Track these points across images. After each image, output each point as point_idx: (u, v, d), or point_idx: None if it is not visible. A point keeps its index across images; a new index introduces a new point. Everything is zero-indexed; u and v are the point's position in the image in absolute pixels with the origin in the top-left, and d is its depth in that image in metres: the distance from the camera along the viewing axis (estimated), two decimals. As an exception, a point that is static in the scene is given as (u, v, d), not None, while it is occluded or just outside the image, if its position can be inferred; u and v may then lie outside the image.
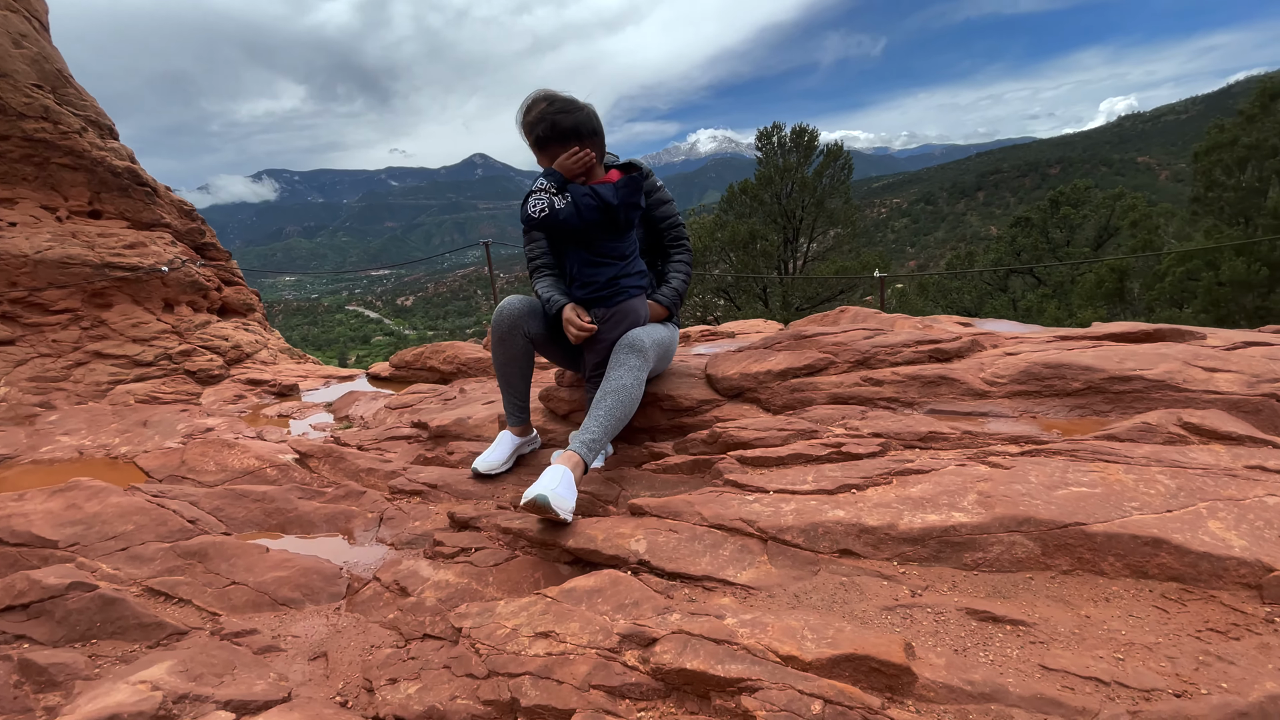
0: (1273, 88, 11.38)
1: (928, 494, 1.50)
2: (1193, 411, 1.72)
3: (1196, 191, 12.31)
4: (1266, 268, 10.37)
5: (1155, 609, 1.16)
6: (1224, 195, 11.64)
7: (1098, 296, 14.02)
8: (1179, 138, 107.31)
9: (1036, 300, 17.37)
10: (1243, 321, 11.08)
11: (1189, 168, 42.96)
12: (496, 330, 2.30)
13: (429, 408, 4.44)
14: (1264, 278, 10.47)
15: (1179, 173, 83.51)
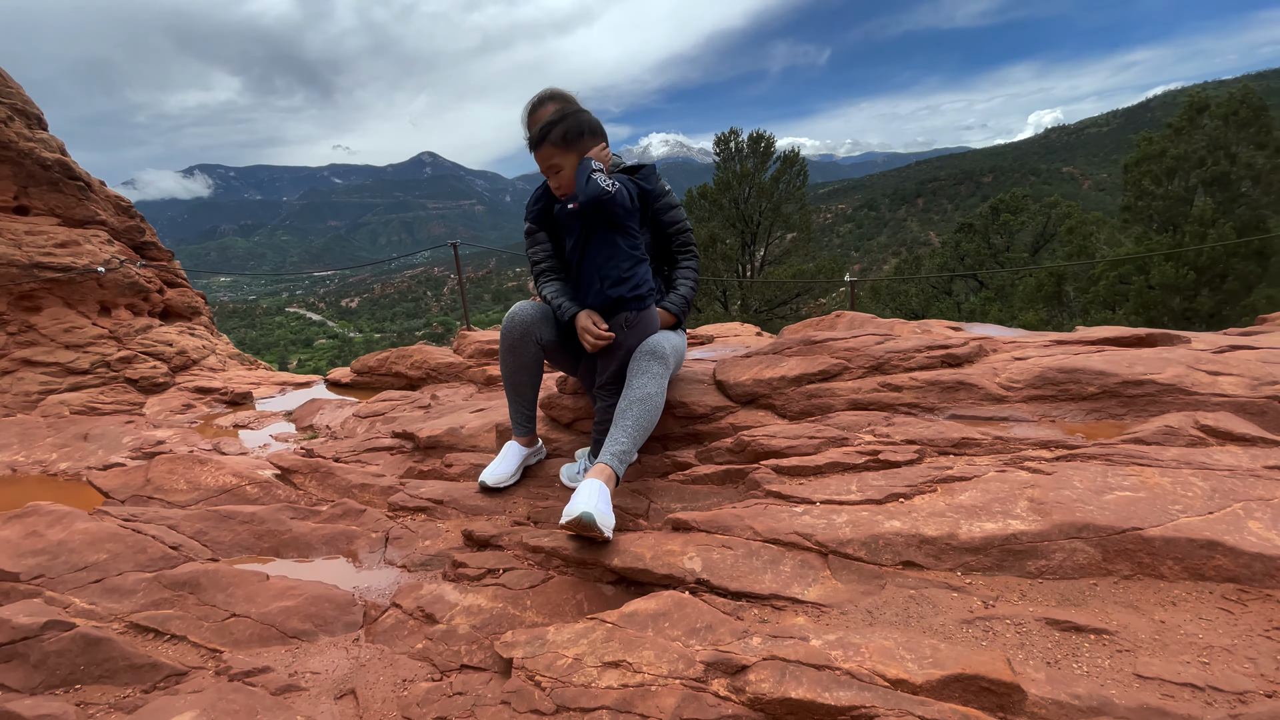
0: (1199, 102, 12.27)
1: (978, 502, 1.50)
2: (1205, 414, 1.79)
3: (1127, 200, 13.14)
4: (1193, 272, 11.16)
5: (1220, 610, 1.18)
6: (1153, 204, 12.46)
7: (1037, 300, 14.76)
8: (1100, 149, 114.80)
9: (980, 303, 18.18)
10: (1170, 322, 11.87)
11: (1110, 178, 45.17)
12: (507, 337, 2.21)
13: (407, 416, 4.26)
14: (1191, 281, 11.27)
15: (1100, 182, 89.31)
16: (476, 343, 5.98)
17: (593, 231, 2.13)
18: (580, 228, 2.10)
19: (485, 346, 5.89)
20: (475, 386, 5.59)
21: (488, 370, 5.58)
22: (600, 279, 2.11)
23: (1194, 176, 12.29)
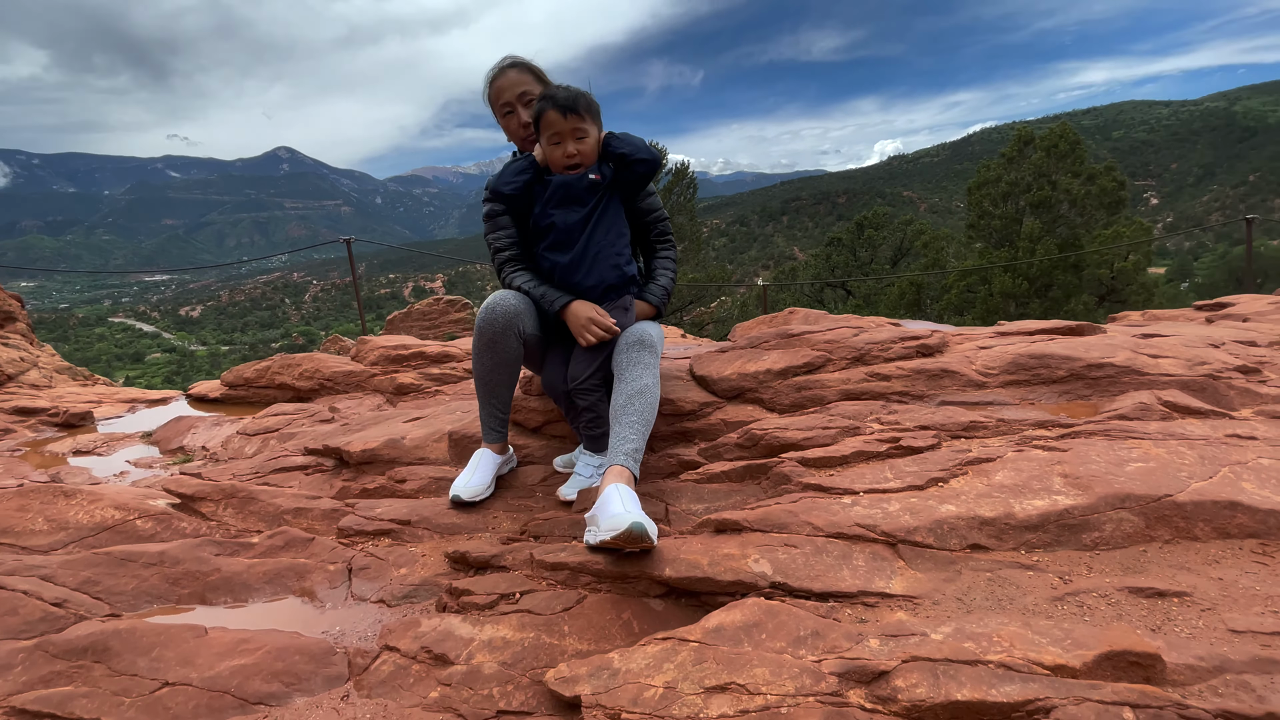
0: (1026, 135, 14.23)
1: (1016, 481, 1.52)
2: (1161, 392, 1.97)
3: (971, 219, 14.91)
4: (1026, 281, 12.88)
5: (1258, 564, 1.26)
6: (991, 223, 14.24)
7: (900, 306, 16.28)
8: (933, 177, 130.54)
9: (849, 309, 19.76)
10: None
11: (941, 201, 51.16)
12: (486, 331, 1.95)
13: (314, 431, 3.75)
14: (1024, 290, 12.99)
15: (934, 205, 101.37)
16: (380, 349, 5.45)
17: (607, 207, 1.98)
18: (595, 202, 1.96)
19: (391, 353, 5.38)
20: (382, 397, 5.09)
21: (397, 378, 5.10)
22: (612, 257, 2.00)
23: (1023, 200, 14.21)
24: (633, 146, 1.97)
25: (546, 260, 2.05)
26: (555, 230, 2.00)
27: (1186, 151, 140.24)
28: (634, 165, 1.98)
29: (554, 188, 1.99)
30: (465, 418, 2.74)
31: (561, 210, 2.00)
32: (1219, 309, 4.95)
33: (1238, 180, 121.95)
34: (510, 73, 2.11)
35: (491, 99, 2.16)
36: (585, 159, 1.98)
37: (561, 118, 1.92)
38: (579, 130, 1.94)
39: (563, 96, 1.92)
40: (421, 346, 5.39)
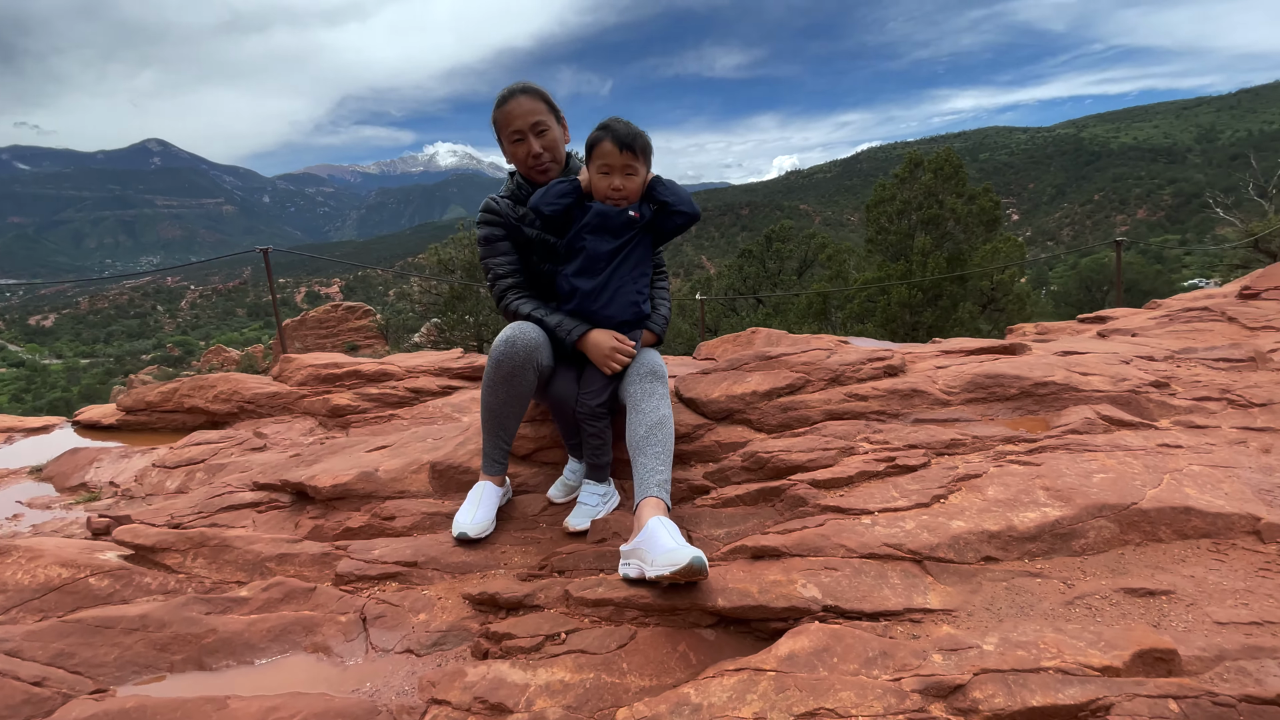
0: (916, 158, 15.52)
1: (1006, 495, 1.70)
2: (1096, 407, 2.26)
3: (870, 234, 16.06)
4: (920, 293, 14.03)
5: (1216, 561, 1.49)
6: (888, 238, 15.41)
7: (808, 316, 17.21)
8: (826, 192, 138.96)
9: (760, 319, 20.62)
10: (906, 333, 14.69)
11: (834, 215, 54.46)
12: (506, 364, 1.92)
13: (248, 461, 3.49)
14: (919, 300, 14.14)
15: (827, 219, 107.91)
16: (308, 368, 5.13)
17: (638, 245, 2.04)
18: (628, 238, 2.03)
19: (321, 372, 5.08)
20: (314, 420, 4.79)
21: (330, 400, 4.82)
22: (632, 294, 2.07)
23: (915, 217, 15.47)
24: (677, 197, 2.04)
25: (568, 283, 2.06)
26: (585, 255, 2.02)
27: (1041, 173, 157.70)
28: (674, 215, 2.05)
29: (593, 214, 2.01)
30: (441, 445, 2.65)
31: (594, 237, 2.02)
32: (1101, 321, 5.65)
33: (1085, 199, 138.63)
34: (523, 99, 2.08)
35: (499, 122, 2.12)
36: (629, 196, 2.03)
37: (617, 152, 1.96)
38: (630, 167, 1.99)
39: (623, 132, 1.97)
40: (355, 364, 5.12)
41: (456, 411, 3.58)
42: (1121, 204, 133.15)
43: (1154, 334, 3.89)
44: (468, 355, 5.54)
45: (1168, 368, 2.72)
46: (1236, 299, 4.28)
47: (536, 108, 2.08)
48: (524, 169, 2.16)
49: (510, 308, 2.15)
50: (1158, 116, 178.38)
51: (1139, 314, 5.47)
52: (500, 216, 2.18)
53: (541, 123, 2.08)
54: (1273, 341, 3.24)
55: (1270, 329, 3.71)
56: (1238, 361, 2.91)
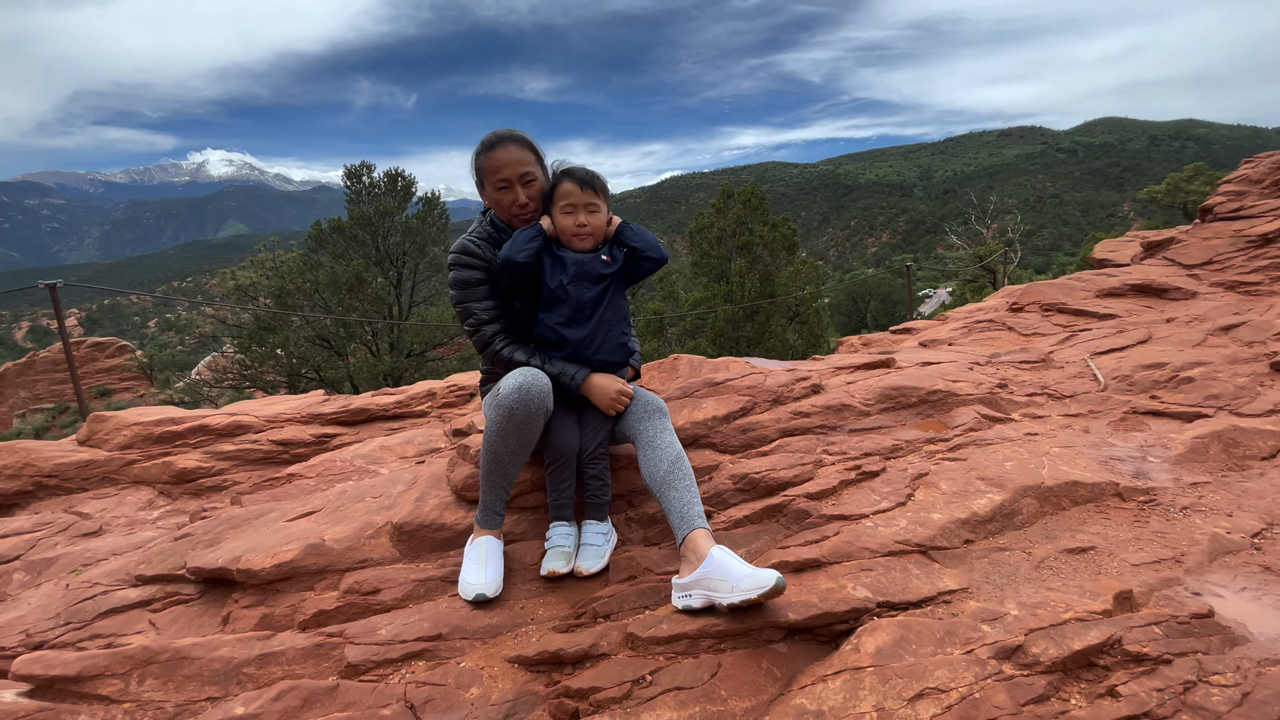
0: (728, 190, 17.25)
1: (956, 488, 2.09)
2: (974, 408, 2.83)
3: (695, 259, 17.47)
4: (741, 310, 15.61)
5: (1102, 519, 2.01)
6: (711, 261, 16.92)
7: (648, 333, 18.08)
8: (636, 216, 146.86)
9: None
10: (729, 347, 16.14)
11: None
12: (520, 412, 1.87)
13: (86, 551, 2.88)
14: (740, 315, 15.71)
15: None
16: (132, 427, 4.33)
17: (615, 288, 2.10)
18: (608, 282, 2.10)
19: (152, 430, 4.32)
20: (151, 490, 4.07)
21: (173, 463, 4.14)
22: (618, 335, 2.15)
23: (731, 243, 17.16)
24: (645, 243, 2.14)
25: (555, 333, 2.07)
26: (570, 304, 2.04)
27: (810, 203, 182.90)
28: (643, 260, 2.15)
29: (573, 264, 2.05)
30: (392, 503, 2.44)
31: (576, 286, 2.05)
32: (909, 332, 6.82)
33: (844, 225, 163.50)
34: (513, 148, 2.06)
35: (485, 168, 2.07)
36: (594, 231, 2.10)
37: (579, 190, 2.02)
38: (593, 204, 2.08)
39: (581, 173, 2.05)
40: (199, 418, 4.41)
41: (370, 464, 3.26)
42: (870, 229, 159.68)
43: (963, 343, 4.87)
44: (335, 398, 5.03)
45: (997, 371, 3.48)
46: (1008, 311, 5.53)
47: (525, 158, 2.07)
48: (506, 216, 2.13)
49: (502, 354, 2.09)
50: (891, 158, 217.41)
51: (934, 325, 6.74)
52: (480, 259, 2.12)
53: (530, 174, 2.08)
54: (1047, 345, 4.27)
55: (1038, 335, 4.87)
56: (1034, 363, 3.80)
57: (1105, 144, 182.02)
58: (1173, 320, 4.61)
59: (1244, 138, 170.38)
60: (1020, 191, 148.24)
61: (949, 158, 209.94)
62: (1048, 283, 5.73)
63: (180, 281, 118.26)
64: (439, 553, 2.22)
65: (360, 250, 14.58)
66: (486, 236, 2.17)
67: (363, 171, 14.99)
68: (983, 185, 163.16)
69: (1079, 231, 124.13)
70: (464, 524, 2.25)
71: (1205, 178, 22.27)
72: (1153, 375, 3.28)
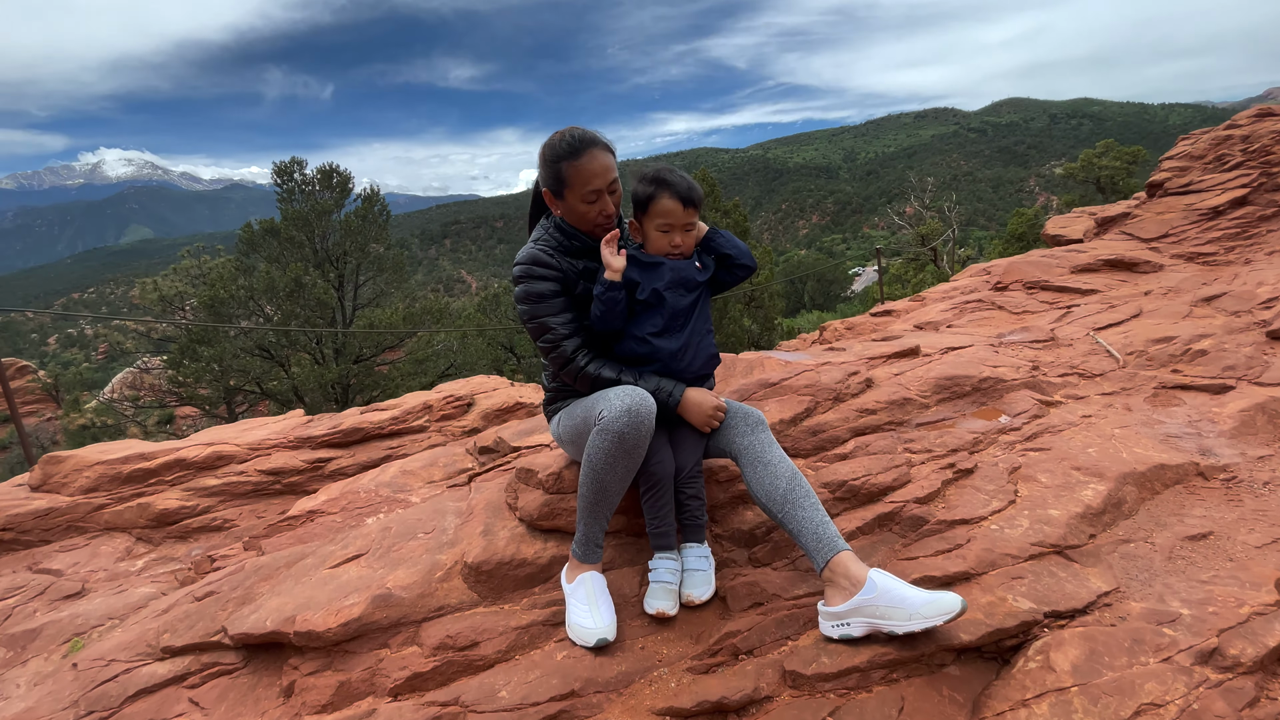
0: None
1: (1058, 481, 2.07)
2: (1023, 393, 2.85)
3: (651, 246, 17.42)
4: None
5: (1198, 501, 2.03)
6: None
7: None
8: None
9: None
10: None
11: None
12: (631, 436, 1.70)
13: (72, 617, 2.54)
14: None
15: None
16: (96, 468, 3.90)
17: (705, 296, 1.95)
18: (701, 289, 1.99)
19: (121, 469, 3.91)
20: (128, 537, 3.68)
21: (152, 504, 3.77)
22: (709, 345, 2.02)
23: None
24: (737, 250, 2.02)
25: (646, 345, 1.91)
26: (666, 312, 1.90)
27: (742, 187, 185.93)
28: (735, 269, 2.03)
29: (669, 270, 1.90)
30: (455, 537, 2.23)
31: (673, 293, 1.90)
32: (889, 315, 6.94)
33: (775, 208, 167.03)
34: (599, 154, 1.86)
35: (573, 178, 1.86)
36: (687, 252, 1.98)
37: (680, 209, 1.89)
38: (690, 224, 1.93)
39: (683, 188, 1.90)
40: (172, 451, 4.00)
41: (398, 492, 2.99)
42: (801, 211, 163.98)
43: (960, 325, 4.98)
44: (321, 418, 4.66)
45: (1019, 353, 3.54)
46: (993, 290, 5.71)
47: (611, 165, 1.89)
48: (586, 225, 1.94)
49: (588, 371, 1.91)
50: (817, 141, 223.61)
51: (914, 306, 6.88)
52: (556, 270, 1.93)
53: (615, 181, 1.90)
54: (1045, 323, 4.41)
55: (1028, 312, 5.03)
56: (1043, 342, 3.90)
57: (1011, 123, 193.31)
58: (1150, 293, 4.86)
59: (1133, 114, 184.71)
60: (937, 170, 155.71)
61: (870, 139, 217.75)
62: (1024, 260, 5.94)
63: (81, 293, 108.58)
64: (522, 591, 2.04)
65: (297, 252, 13.68)
66: (556, 244, 1.97)
67: (294, 168, 14.02)
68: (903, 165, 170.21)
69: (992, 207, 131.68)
70: (545, 557, 2.07)
71: (1115, 153, 23.89)
72: (1166, 349, 3.41)
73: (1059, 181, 34.88)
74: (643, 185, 1.95)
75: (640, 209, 1.96)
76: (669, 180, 1.91)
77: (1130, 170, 23.30)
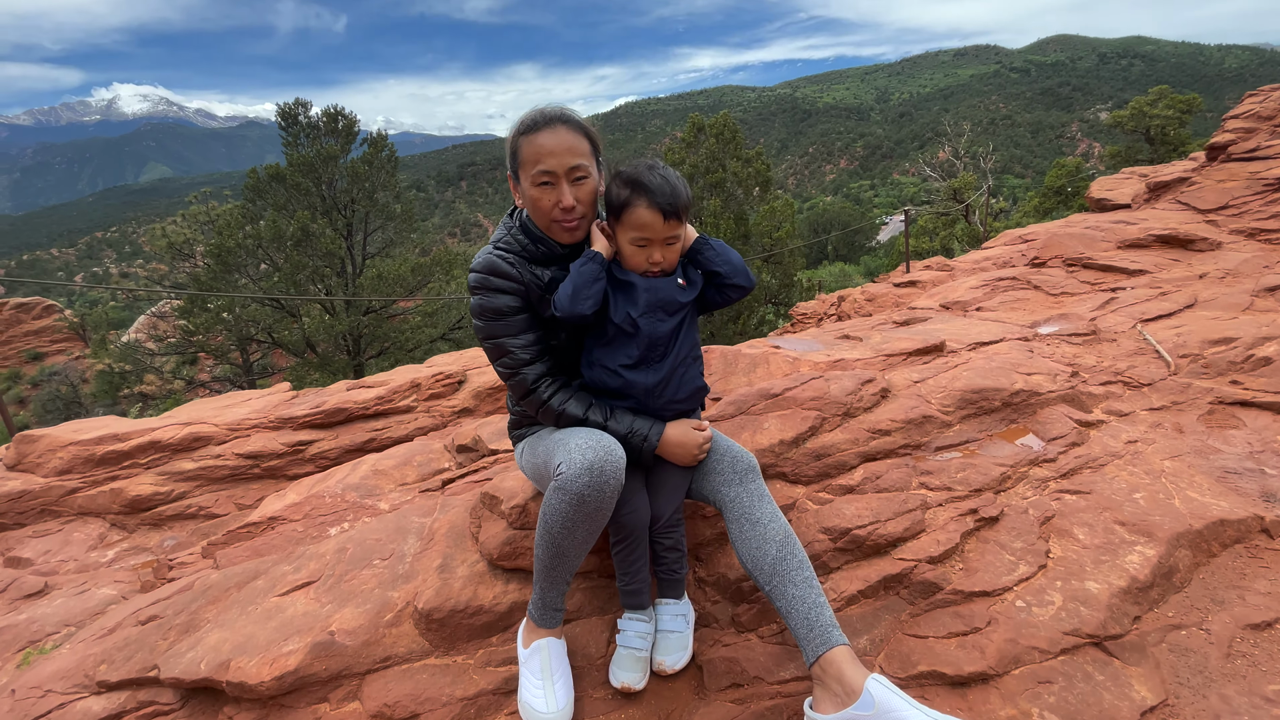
0: (698, 123, 16.32)
1: (1097, 539, 1.78)
2: (1058, 409, 2.52)
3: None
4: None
5: (1261, 569, 1.74)
6: (684, 201, 16.20)
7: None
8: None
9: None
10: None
11: None
12: (593, 499, 1.44)
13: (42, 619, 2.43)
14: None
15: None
16: (69, 448, 3.75)
17: (690, 318, 1.67)
18: (686, 311, 1.67)
19: (94, 451, 3.76)
20: (102, 523, 3.55)
21: (124, 490, 3.63)
22: (695, 377, 1.71)
23: (703, 180, 16.41)
24: (730, 266, 1.69)
25: (618, 377, 1.62)
26: (641, 341, 1.59)
27: (768, 129, 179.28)
28: (727, 290, 1.70)
29: (644, 290, 1.60)
30: (409, 570, 2.01)
31: (650, 318, 1.59)
32: (913, 285, 6.52)
33: (802, 151, 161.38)
34: (562, 131, 1.52)
35: (524, 154, 1.54)
36: (669, 268, 1.65)
37: (660, 221, 1.56)
38: (673, 237, 1.60)
39: (665, 195, 1.55)
40: (146, 431, 3.83)
41: (365, 496, 2.79)
42: (829, 155, 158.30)
43: (991, 306, 4.57)
44: (304, 395, 4.47)
45: (1054, 350, 3.18)
46: (1029, 267, 5.25)
47: (577, 146, 1.55)
48: (543, 220, 1.61)
49: (551, 406, 1.63)
50: (849, 80, 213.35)
51: (943, 278, 6.44)
52: (517, 283, 1.62)
53: (581, 168, 1.56)
54: (1086, 310, 4.00)
55: (1066, 294, 4.60)
56: (1084, 335, 3.52)
57: (1057, 63, 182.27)
58: (1206, 276, 4.40)
59: (1187, 55, 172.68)
60: (974, 113, 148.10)
61: (905, 79, 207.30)
62: (1066, 231, 5.43)
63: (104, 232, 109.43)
64: (478, 641, 1.83)
65: (304, 199, 13.33)
66: (520, 249, 1.66)
67: (298, 110, 13.50)
68: (938, 107, 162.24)
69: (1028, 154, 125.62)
70: (504, 603, 1.85)
71: (1168, 101, 22.22)
72: (1225, 354, 3.03)
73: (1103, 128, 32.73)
74: (616, 188, 1.61)
75: (614, 215, 1.63)
76: (647, 184, 1.56)
77: (1183, 120, 21.70)
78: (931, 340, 3.26)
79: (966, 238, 18.06)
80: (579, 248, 1.69)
